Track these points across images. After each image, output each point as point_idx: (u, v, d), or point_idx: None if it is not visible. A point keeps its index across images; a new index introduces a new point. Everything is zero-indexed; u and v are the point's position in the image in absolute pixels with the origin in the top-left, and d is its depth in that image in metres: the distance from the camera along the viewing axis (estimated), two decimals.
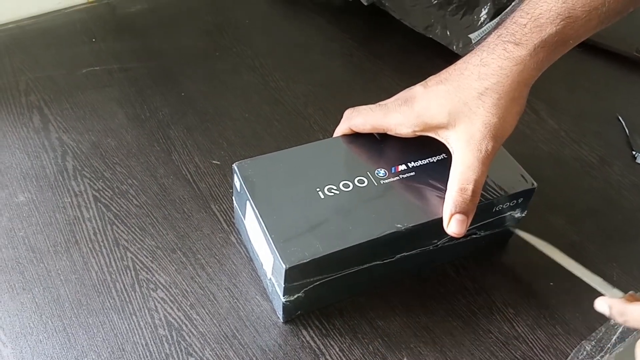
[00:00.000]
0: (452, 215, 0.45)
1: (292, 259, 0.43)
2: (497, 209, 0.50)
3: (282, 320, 0.48)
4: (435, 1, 0.72)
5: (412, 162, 0.50)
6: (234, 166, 0.48)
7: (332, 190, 0.47)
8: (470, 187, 0.44)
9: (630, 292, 0.43)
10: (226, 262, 0.52)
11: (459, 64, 0.47)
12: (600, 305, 0.43)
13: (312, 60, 0.73)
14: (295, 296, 0.46)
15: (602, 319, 0.50)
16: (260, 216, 0.45)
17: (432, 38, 0.73)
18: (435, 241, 0.49)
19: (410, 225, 0.46)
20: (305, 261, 0.43)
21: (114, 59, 0.70)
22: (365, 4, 0.78)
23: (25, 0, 0.75)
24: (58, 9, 0.77)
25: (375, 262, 0.47)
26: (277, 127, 0.64)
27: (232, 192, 0.51)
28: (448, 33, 0.72)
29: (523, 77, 0.44)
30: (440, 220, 0.46)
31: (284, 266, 0.42)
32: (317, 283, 0.45)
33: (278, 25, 0.78)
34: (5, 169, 0.57)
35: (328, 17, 0.80)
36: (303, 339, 0.47)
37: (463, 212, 0.45)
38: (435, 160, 0.50)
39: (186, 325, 0.47)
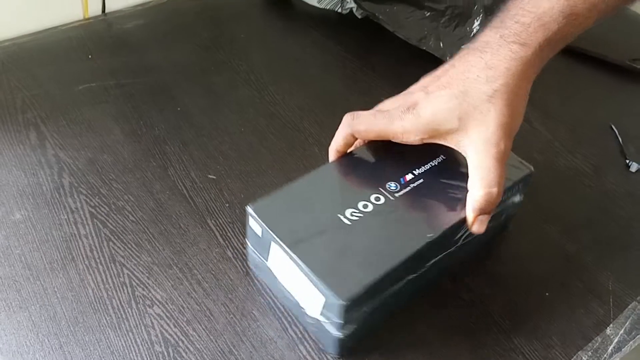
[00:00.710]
0: (477, 216, 0.46)
1: (347, 294, 0.42)
2: (503, 198, 0.50)
3: (337, 356, 0.47)
4: (428, 13, 0.73)
5: (417, 170, 0.50)
6: (249, 209, 0.47)
7: (355, 215, 0.46)
8: (495, 190, 0.45)
9: None
10: (222, 278, 0.52)
11: (459, 66, 0.47)
12: None
13: (308, 74, 0.74)
14: (351, 329, 0.45)
15: (598, 329, 0.50)
16: (297, 258, 0.44)
17: (426, 50, 0.74)
18: (457, 239, 0.50)
19: (439, 232, 0.46)
20: (359, 293, 0.42)
21: (110, 75, 0.71)
22: (360, 17, 0.79)
23: (22, 17, 0.76)
24: (54, 26, 0.78)
25: (412, 276, 0.47)
26: (273, 140, 0.65)
27: (246, 232, 0.49)
28: (441, 45, 0.73)
29: (527, 75, 0.46)
30: (462, 219, 0.47)
31: (340, 302, 0.41)
32: (368, 311, 0.45)
33: (273, 39, 0.79)
34: (1, 187, 0.57)
35: (323, 31, 0.80)
36: (300, 354, 0.47)
37: (487, 212, 0.46)
38: (436, 164, 0.51)
39: (182, 342, 0.47)
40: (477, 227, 0.46)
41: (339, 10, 0.81)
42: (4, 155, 0.61)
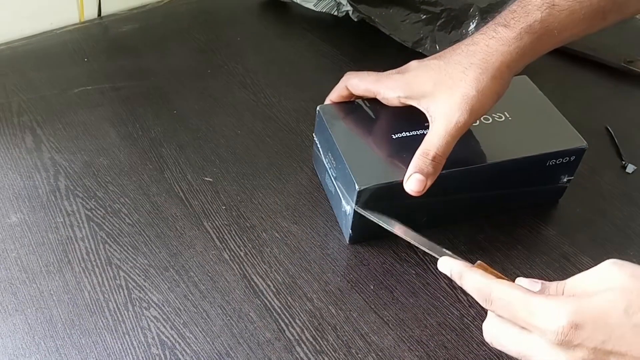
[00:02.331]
0: (411, 174, 0.48)
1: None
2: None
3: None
4: (424, 16, 0.73)
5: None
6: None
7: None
8: (432, 152, 0.48)
9: (479, 262, 0.42)
10: (219, 279, 0.52)
11: (455, 44, 0.51)
12: (442, 265, 0.43)
13: (304, 77, 0.74)
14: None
15: None
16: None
17: (422, 52, 0.74)
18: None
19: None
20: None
21: (106, 78, 0.71)
22: (355, 20, 0.79)
23: (18, 21, 0.76)
24: (50, 30, 0.78)
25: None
26: (269, 143, 0.64)
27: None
28: (437, 47, 0.73)
29: (506, 59, 0.48)
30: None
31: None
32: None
33: (269, 42, 0.79)
34: None
35: (318, 34, 0.80)
36: (297, 356, 0.47)
37: (422, 173, 0.48)
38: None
39: (179, 344, 0.47)
40: (411, 185, 0.48)
41: (335, 13, 0.81)
42: (0, 158, 0.60)
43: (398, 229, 0.50)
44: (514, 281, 0.40)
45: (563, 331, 0.34)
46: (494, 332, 0.39)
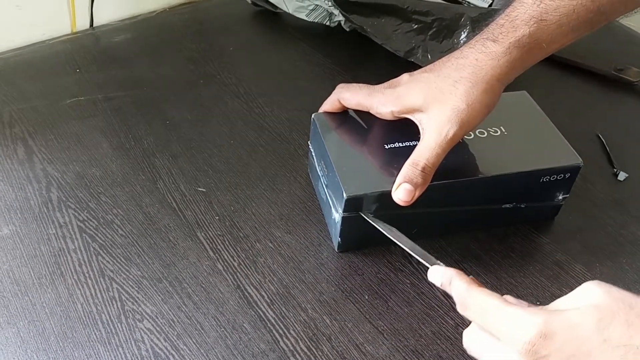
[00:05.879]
0: (400, 183, 0.49)
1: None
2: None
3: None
4: (416, 26, 0.73)
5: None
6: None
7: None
8: (421, 163, 0.48)
9: (472, 277, 0.41)
10: (212, 291, 0.51)
11: (445, 57, 0.51)
12: (433, 273, 0.43)
13: (296, 86, 0.74)
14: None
15: None
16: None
17: (414, 62, 0.74)
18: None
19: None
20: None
21: (98, 88, 0.71)
22: (348, 30, 0.79)
23: (9, 32, 0.75)
24: (42, 40, 0.78)
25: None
26: (262, 152, 0.64)
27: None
28: (429, 57, 0.73)
29: (496, 72, 0.48)
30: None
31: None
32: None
33: (262, 52, 0.79)
34: None
35: (311, 43, 0.81)
36: None
37: (411, 183, 0.48)
38: None
39: (173, 356, 0.47)
40: (400, 194, 0.49)
41: (327, 24, 0.81)
42: None
43: (395, 236, 0.50)
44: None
45: (531, 341, 0.34)
46: (470, 339, 0.39)
